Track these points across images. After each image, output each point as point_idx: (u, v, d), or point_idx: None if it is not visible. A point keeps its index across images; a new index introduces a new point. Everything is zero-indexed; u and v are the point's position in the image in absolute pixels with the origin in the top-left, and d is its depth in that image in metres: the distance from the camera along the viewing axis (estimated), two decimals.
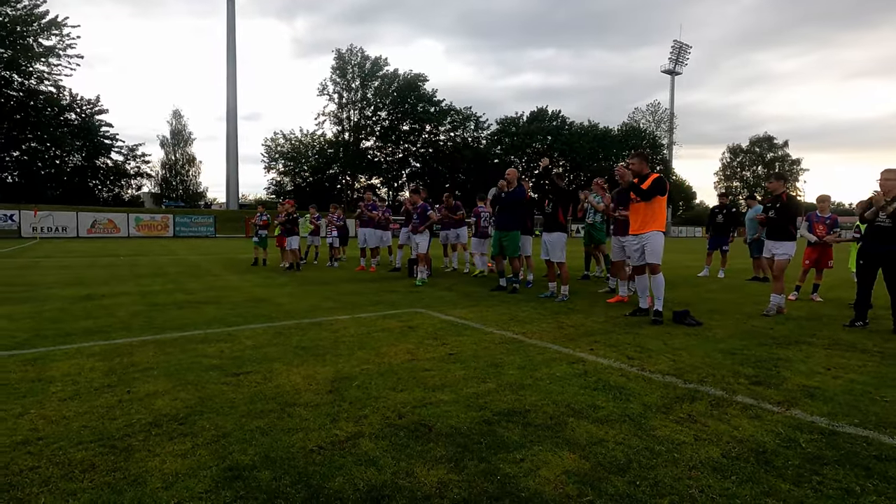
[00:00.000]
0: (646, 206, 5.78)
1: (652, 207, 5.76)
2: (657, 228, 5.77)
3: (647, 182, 5.75)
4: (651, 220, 5.79)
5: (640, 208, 5.86)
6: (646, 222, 5.81)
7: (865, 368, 3.93)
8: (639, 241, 5.90)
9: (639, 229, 5.88)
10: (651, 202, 5.74)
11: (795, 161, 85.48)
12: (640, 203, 5.85)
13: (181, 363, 3.79)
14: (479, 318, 5.80)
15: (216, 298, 7.09)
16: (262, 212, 13.02)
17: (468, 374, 3.61)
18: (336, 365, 3.79)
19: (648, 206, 5.77)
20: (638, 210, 5.90)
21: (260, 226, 12.66)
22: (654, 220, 5.79)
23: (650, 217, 5.79)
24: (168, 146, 64.45)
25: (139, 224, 31.96)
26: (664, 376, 3.63)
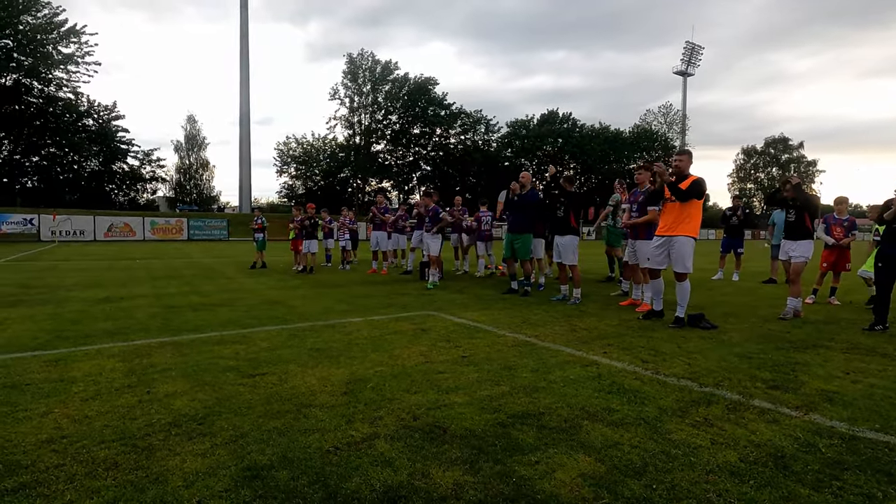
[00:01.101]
0: (680, 207, 5.55)
1: (686, 210, 5.53)
2: (688, 233, 5.53)
3: (686, 182, 5.53)
4: (682, 223, 5.54)
5: (674, 209, 5.62)
6: (676, 224, 5.57)
7: (886, 373, 3.86)
8: (665, 244, 5.67)
9: (667, 230, 5.64)
10: (686, 204, 5.52)
11: (811, 162, 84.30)
12: (674, 203, 5.62)
13: (198, 364, 3.85)
14: (491, 320, 5.80)
15: (230, 301, 7.17)
16: (258, 216, 13.28)
17: (481, 376, 3.62)
18: (350, 367, 3.82)
19: (682, 209, 5.54)
20: (671, 211, 5.65)
21: (256, 229, 12.88)
22: (685, 223, 5.54)
23: (682, 220, 5.55)
24: (182, 151, 65.30)
25: (154, 227, 32.44)
26: (679, 380, 3.60)
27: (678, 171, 5.69)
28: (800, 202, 6.26)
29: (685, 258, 5.52)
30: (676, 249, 5.55)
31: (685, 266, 5.54)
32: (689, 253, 5.55)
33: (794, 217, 6.33)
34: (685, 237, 5.53)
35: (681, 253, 5.53)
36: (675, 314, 5.62)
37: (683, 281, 5.59)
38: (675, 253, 5.57)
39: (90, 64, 42.69)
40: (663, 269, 5.81)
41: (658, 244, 5.75)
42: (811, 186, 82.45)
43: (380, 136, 56.82)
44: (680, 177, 5.63)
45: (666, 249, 5.66)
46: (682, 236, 5.53)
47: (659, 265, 5.79)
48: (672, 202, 5.63)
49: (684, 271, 5.56)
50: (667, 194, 5.67)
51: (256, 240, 12.94)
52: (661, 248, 5.72)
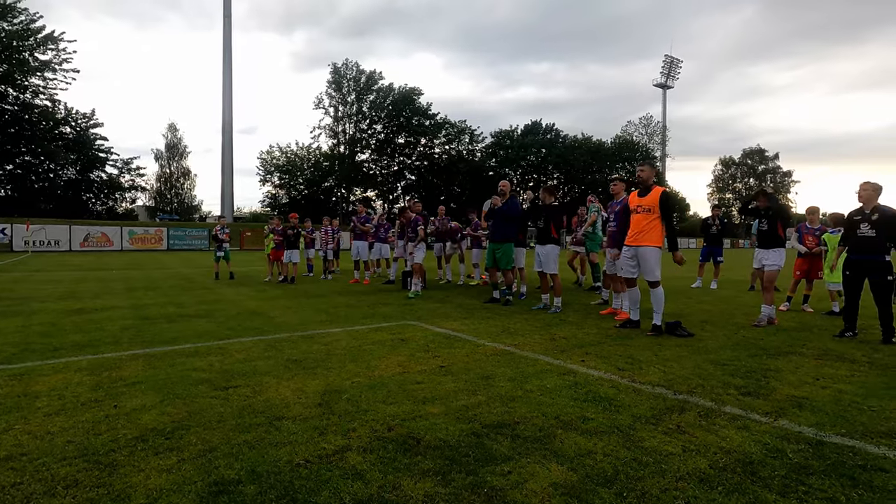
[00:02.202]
0: (644, 218, 5.72)
1: (651, 221, 5.67)
2: (652, 244, 5.67)
3: (655, 196, 5.67)
4: (646, 234, 5.69)
5: (640, 220, 5.79)
6: (641, 235, 5.73)
7: (853, 378, 3.95)
8: (632, 254, 5.85)
9: (634, 241, 5.82)
10: (651, 216, 5.67)
11: (787, 173, 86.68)
12: (639, 215, 5.80)
13: (170, 377, 3.76)
14: (471, 330, 5.79)
15: (208, 312, 7.05)
16: (223, 225, 12.66)
17: (459, 386, 3.61)
18: (326, 378, 3.78)
19: (647, 220, 5.69)
20: (637, 222, 5.81)
21: (222, 240, 12.43)
22: (649, 233, 5.68)
23: (646, 230, 5.70)
24: (163, 159, 64.42)
25: (133, 237, 31.82)
26: (654, 387, 3.63)
27: (641, 182, 5.87)
28: (772, 211, 6.42)
29: (652, 267, 5.66)
30: (643, 259, 5.70)
31: (654, 275, 5.65)
32: (656, 261, 5.68)
33: (766, 226, 6.47)
34: (650, 247, 5.67)
35: (647, 263, 5.67)
36: (651, 322, 5.69)
37: (655, 288, 5.69)
38: (642, 263, 5.72)
39: (68, 71, 41.93)
40: (635, 277, 5.91)
41: (628, 255, 5.89)
42: (786, 196, 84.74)
43: (364, 146, 56.82)
44: (645, 189, 5.79)
45: (635, 259, 5.81)
46: (647, 247, 5.67)
47: (631, 274, 5.91)
48: (638, 213, 5.77)
49: (653, 279, 5.67)
50: (633, 205, 5.86)
51: (224, 250, 12.34)
52: (631, 259, 5.86)
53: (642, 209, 5.75)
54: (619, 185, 7.36)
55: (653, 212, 5.67)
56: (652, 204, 5.67)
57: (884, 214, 5.32)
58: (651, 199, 5.69)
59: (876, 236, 5.36)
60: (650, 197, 5.71)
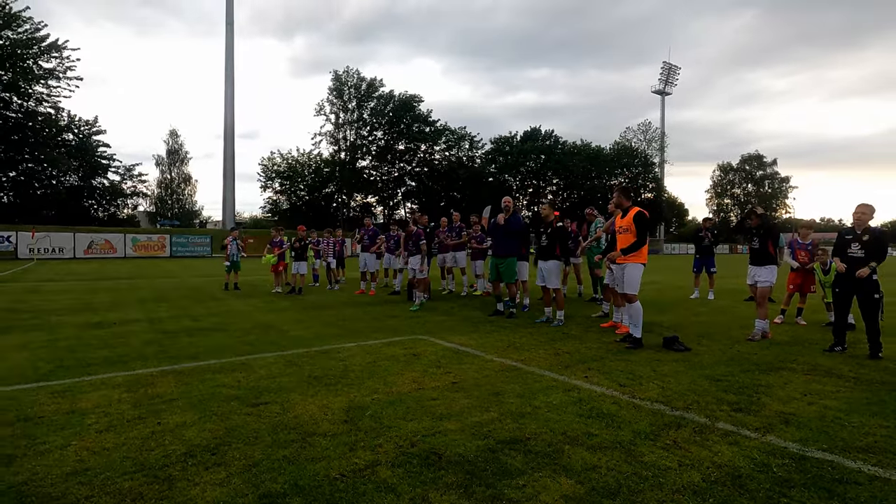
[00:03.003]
0: (623, 238, 6.25)
1: (630, 239, 6.15)
2: (638, 261, 6.17)
3: (629, 216, 6.22)
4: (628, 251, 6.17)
5: (622, 240, 6.32)
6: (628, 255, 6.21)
7: (839, 394, 4.24)
8: (621, 270, 6.35)
9: (620, 259, 6.31)
10: (629, 234, 6.17)
11: (785, 179, 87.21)
12: (621, 235, 6.32)
13: (202, 394, 4.04)
14: (479, 344, 6.08)
15: (223, 325, 7.33)
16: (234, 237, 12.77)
17: (471, 402, 3.89)
18: (348, 395, 4.05)
19: (626, 239, 6.20)
20: (623, 241, 6.30)
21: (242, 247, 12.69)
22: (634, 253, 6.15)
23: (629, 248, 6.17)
24: (164, 165, 64.81)
25: (136, 244, 32.08)
26: (653, 403, 3.92)
27: (617, 205, 6.49)
28: (763, 230, 6.73)
29: (632, 282, 6.11)
30: (626, 274, 6.17)
31: (632, 288, 6.12)
32: (636, 278, 6.14)
33: (758, 244, 6.78)
34: (635, 264, 6.14)
35: (629, 278, 6.13)
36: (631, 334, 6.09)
37: (633, 302, 6.08)
38: (625, 277, 6.19)
39: (71, 79, 42.35)
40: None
41: (618, 271, 6.40)
42: (784, 202, 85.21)
43: (365, 152, 57.26)
44: (623, 210, 6.33)
45: (622, 275, 6.29)
46: (633, 263, 6.14)
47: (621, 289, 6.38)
48: (622, 233, 6.28)
49: (630, 292, 6.11)
50: (616, 226, 6.42)
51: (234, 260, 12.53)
52: (620, 273, 6.38)
53: (622, 230, 6.32)
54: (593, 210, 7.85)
55: (630, 231, 6.16)
56: (629, 224, 6.19)
57: (873, 235, 5.63)
58: (628, 220, 6.23)
59: (865, 257, 5.65)
60: (627, 218, 6.26)
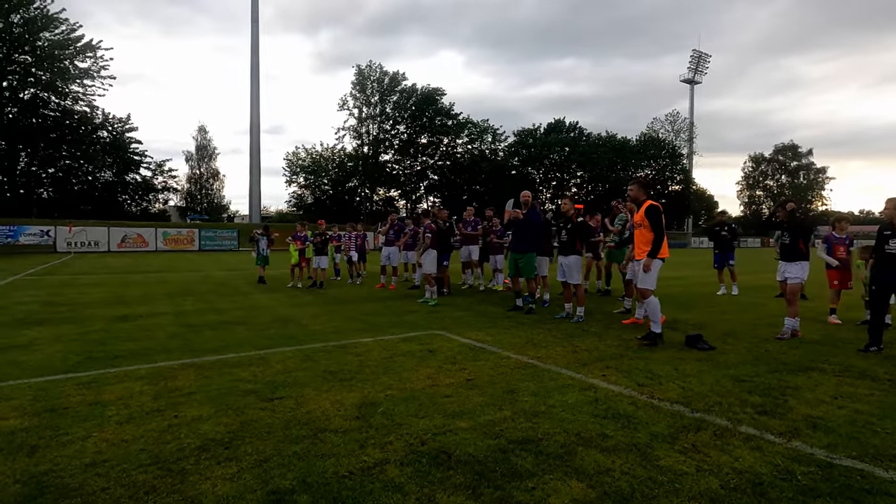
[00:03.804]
0: (639, 233, 6.08)
1: (646, 235, 5.96)
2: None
3: (641, 210, 6.02)
4: (644, 250, 5.99)
5: (638, 235, 6.18)
6: (641, 249, 6.04)
7: (872, 398, 4.04)
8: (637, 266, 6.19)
9: (637, 255, 6.16)
10: (643, 229, 5.97)
11: (820, 169, 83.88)
12: (639, 229, 6.14)
13: (220, 387, 4.11)
14: (495, 341, 6.02)
15: (245, 319, 7.46)
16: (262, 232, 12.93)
17: (485, 400, 3.85)
18: (362, 391, 4.07)
19: (641, 235, 6.03)
20: (639, 236, 6.15)
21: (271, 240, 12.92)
22: (644, 246, 5.99)
23: (646, 244, 5.99)
24: (193, 161, 66.46)
25: (166, 238, 33.05)
26: (672, 404, 3.80)
27: (633, 199, 6.24)
28: (793, 225, 6.45)
29: (646, 277, 5.88)
30: (642, 269, 5.94)
31: (645, 283, 5.88)
32: (652, 272, 5.90)
33: (788, 240, 6.50)
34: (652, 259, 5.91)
35: (643, 274, 5.91)
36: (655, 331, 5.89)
37: (647, 298, 5.89)
38: (640, 273, 5.97)
39: (105, 78, 43.80)
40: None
41: (638, 266, 6.16)
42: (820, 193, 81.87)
43: (388, 146, 57.51)
44: (638, 205, 6.12)
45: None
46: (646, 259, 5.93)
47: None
48: (638, 228, 6.10)
49: (643, 287, 5.89)
50: (635, 220, 6.20)
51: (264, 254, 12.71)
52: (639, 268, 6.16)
53: (637, 225, 6.14)
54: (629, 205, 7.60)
55: (644, 226, 5.95)
56: (642, 219, 5.98)
57: None
58: (640, 214, 6.02)
59: None
60: (640, 212, 6.04)
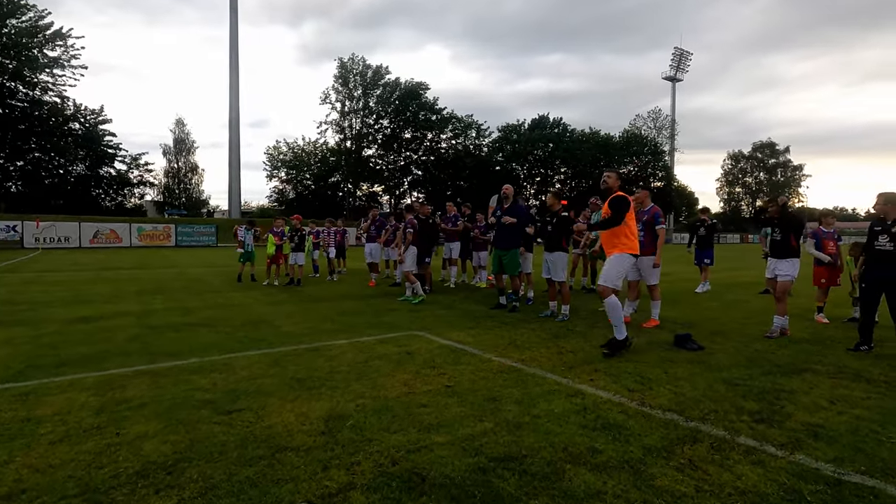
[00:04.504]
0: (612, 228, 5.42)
1: (613, 229, 5.36)
2: (623, 250, 5.34)
3: (606, 203, 5.43)
4: (613, 243, 5.41)
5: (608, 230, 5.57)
6: (610, 244, 5.47)
7: (870, 402, 3.85)
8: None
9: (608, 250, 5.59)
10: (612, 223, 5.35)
11: (797, 167, 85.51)
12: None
13: (174, 398, 3.74)
14: (477, 342, 5.73)
15: (215, 319, 7.04)
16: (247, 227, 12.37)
17: (465, 410, 3.55)
18: (331, 400, 3.73)
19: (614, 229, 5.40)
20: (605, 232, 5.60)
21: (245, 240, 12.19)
22: (615, 242, 5.38)
23: (611, 239, 5.44)
24: (171, 154, 64.85)
25: (141, 234, 32.04)
26: (665, 412, 3.55)
27: (607, 188, 5.57)
28: (784, 221, 6.27)
29: (608, 273, 5.29)
30: (606, 263, 5.44)
31: (606, 279, 5.25)
32: (616, 269, 5.29)
33: (779, 236, 6.33)
34: (620, 254, 5.33)
35: (607, 267, 5.36)
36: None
37: (605, 297, 5.20)
38: (605, 266, 5.43)
39: (76, 67, 42.23)
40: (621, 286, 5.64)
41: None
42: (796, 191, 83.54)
43: (371, 141, 56.73)
44: (609, 193, 5.48)
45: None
46: (617, 254, 5.34)
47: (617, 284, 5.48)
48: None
49: (603, 284, 5.25)
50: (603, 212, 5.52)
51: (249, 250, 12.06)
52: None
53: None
54: (643, 192, 7.31)
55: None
56: (607, 211, 5.38)
57: None
58: (605, 208, 5.46)
59: (894, 250, 5.21)
60: (605, 205, 5.48)
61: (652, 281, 7.01)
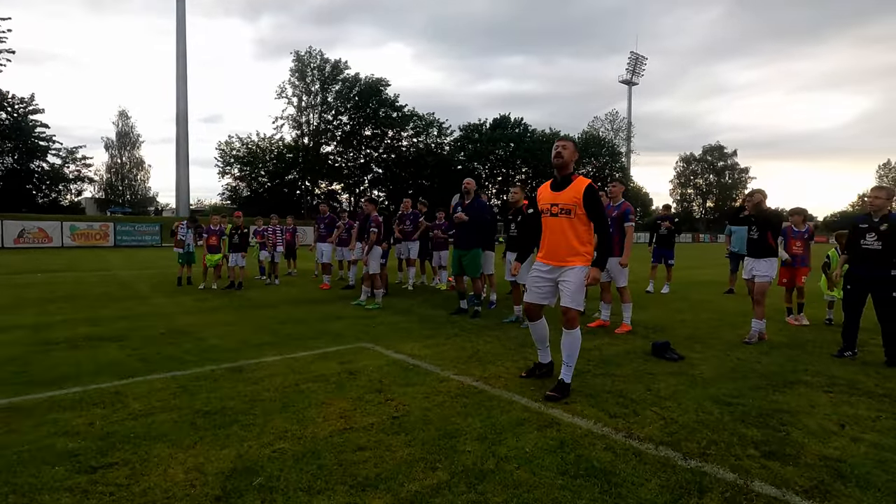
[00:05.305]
0: (569, 222, 3.76)
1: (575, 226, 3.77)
2: (580, 262, 3.76)
3: (573, 186, 3.79)
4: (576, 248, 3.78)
5: (562, 226, 3.78)
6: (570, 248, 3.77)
7: (882, 423, 3.36)
8: (550, 274, 3.87)
9: (552, 257, 3.85)
10: (574, 218, 3.76)
11: (744, 169, 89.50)
12: (559, 218, 3.79)
13: (29, 448, 2.80)
14: (435, 355, 4.99)
15: (126, 332, 5.99)
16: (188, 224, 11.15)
17: (414, 453, 2.79)
18: (241, 444, 2.89)
19: (572, 224, 3.76)
20: (556, 228, 3.81)
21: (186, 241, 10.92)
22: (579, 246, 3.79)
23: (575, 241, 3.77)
24: (114, 149, 60.90)
25: (75, 233, 29.47)
26: (657, 447, 2.92)
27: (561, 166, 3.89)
28: (761, 219, 5.86)
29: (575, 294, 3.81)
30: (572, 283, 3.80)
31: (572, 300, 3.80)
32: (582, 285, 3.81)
33: (756, 235, 5.91)
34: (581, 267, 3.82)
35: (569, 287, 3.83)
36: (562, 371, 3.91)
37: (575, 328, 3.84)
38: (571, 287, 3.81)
39: (2, 52, 38.68)
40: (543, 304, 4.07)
41: (543, 273, 3.99)
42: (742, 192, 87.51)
43: (330, 137, 55.00)
44: (562, 168, 3.90)
45: (553, 282, 3.98)
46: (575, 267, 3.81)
47: (540, 299, 4.05)
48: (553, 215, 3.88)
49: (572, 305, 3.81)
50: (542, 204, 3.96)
51: (189, 250, 10.86)
52: (546, 282, 4.02)
53: (560, 209, 3.82)
54: (618, 186, 6.74)
55: (574, 213, 3.77)
56: (574, 201, 3.76)
57: (894, 224, 4.80)
58: (572, 195, 3.77)
59: (882, 249, 4.84)
60: (571, 189, 3.79)
61: (621, 283, 6.48)
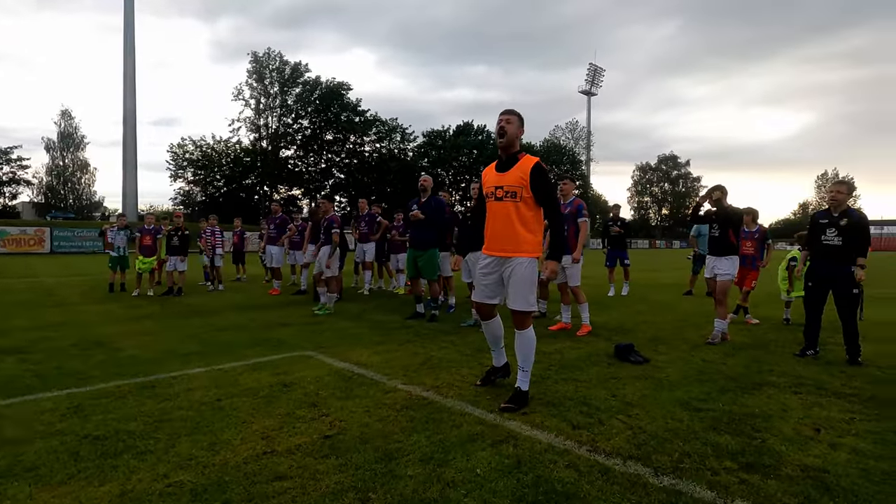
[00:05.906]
0: (514, 207, 3.39)
1: (522, 212, 3.40)
2: (527, 252, 3.42)
3: (519, 166, 3.42)
4: (524, 237, 3.42)
5: (507, 211, 3.41)
6: (515, 237, 3.41)
7: (857, 425, 3.15)
8: (496, 268, 3.52)
9: (496, 247, 3.51)
10: (520, 202, 3.39)
11: (696, 178, 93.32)
12: (503, 202, 3.41)
13: None
14: (383, 362, 4.53)
15: (33, 344, 5.23)
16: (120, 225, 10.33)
17: (342, 481, 2.33)
18: (129, 477, 2.35)
19: (518, 209, 3.40)
20: (500, 214, 3.44)
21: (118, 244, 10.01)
22: (526, 236, 3.42)
23: (522, 228, 3.41)
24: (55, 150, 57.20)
25: (5, 238, 27.25)
26: (625, 461, 2.57)
27: (506, 143, 3.47)
28: (723, 217, 5.73)
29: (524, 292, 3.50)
30: (518, 276, 3.47)
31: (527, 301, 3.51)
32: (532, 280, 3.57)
33: (717, 232, 5.77)
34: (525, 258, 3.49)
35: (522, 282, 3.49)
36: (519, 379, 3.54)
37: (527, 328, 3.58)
38: (516, 282, 3.49)
39: None
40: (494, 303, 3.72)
41: (486, 268, 3.65)
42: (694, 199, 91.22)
43: (289, 142, 53.55)
44: (507, 147, 3.49)
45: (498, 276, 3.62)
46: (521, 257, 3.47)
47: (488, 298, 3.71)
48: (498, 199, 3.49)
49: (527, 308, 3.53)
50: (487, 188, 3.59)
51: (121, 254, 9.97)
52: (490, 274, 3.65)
53: (505, 192, 3.42)
54: (569, 184, 6.47)
55: (520, 197, 3.37)
56: (520, 183, 3.37)
57: (852, 220, 4.71)
58: (518, 175, 3.39)
59: (843, 245, 4.74)
60: (517, 170, 3.40)
61: (574, 281, 6.17)
